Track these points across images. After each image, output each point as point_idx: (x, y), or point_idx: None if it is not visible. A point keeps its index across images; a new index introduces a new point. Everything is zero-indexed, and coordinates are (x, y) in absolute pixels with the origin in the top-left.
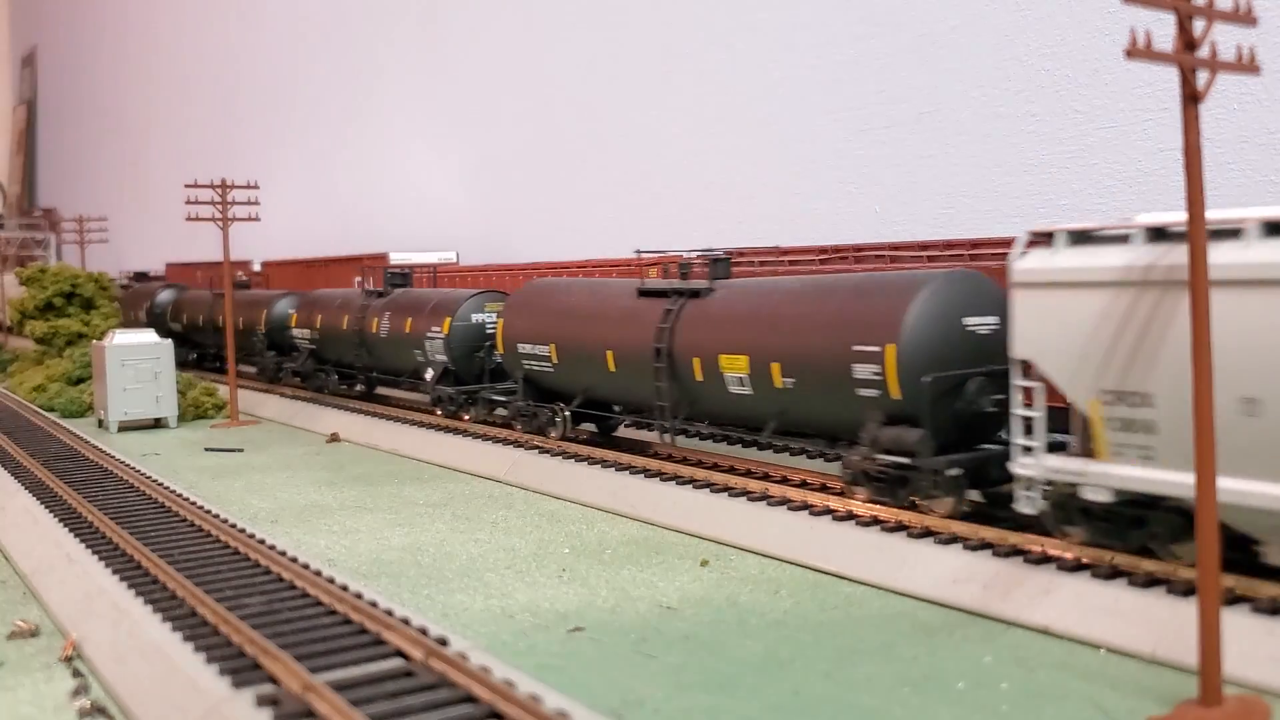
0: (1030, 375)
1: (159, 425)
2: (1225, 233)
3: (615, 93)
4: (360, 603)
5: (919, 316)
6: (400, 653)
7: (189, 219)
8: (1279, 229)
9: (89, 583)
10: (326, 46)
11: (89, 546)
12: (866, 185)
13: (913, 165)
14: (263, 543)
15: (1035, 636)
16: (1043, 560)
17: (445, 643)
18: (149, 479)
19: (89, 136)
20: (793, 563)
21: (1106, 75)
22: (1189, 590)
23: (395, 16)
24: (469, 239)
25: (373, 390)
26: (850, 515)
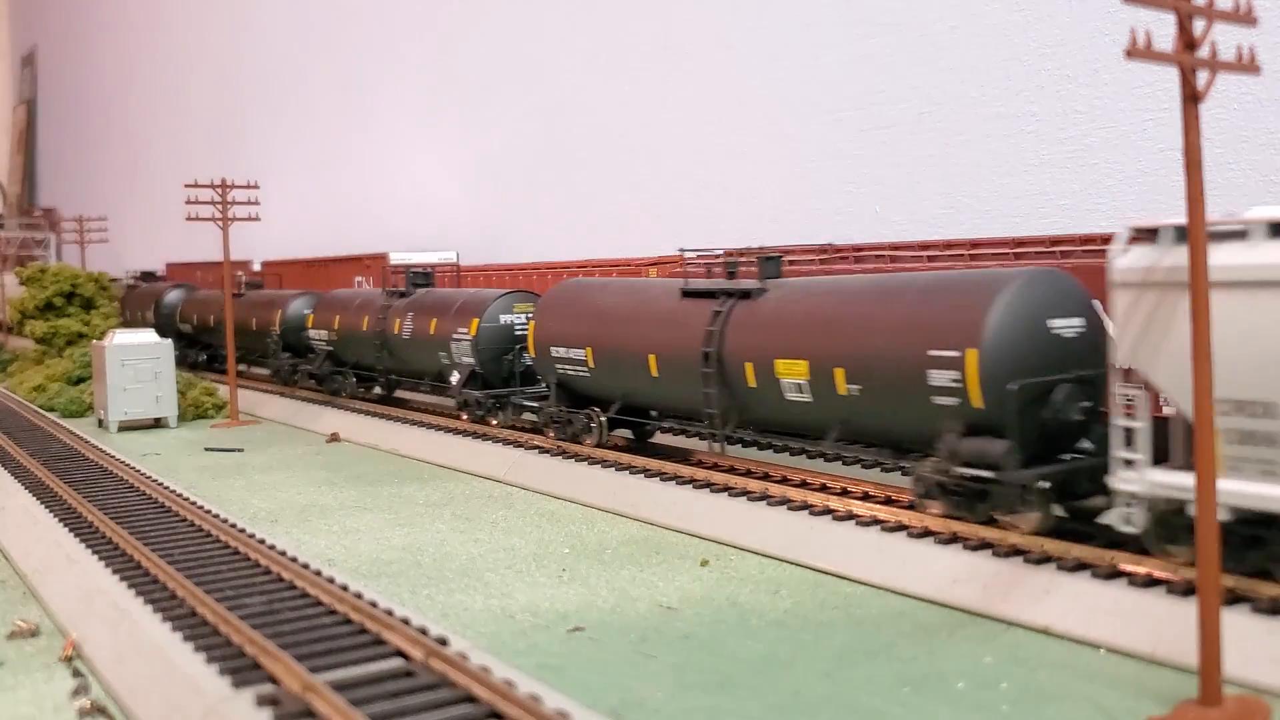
0: (1132, 383)
1: (159, 425)
2: None
3: (615, 92)
4: (360, 603)
5: (1002, 318)
6: (400, 653)
7: (189, 219)
8: None
9: (89, 583)
10: (327, 46)
11: (89, 546)
12: (866, 185)
13: (913, 165)
14: (263, 543)
15: (1035, 636)
16: (1043, 560)
17: (445, 643)
18: (149, 479)
19: (89, 136)
20: (793, 563)
21: (1106, 75)
22: (1189, 590)
23: (396, 16)
24: (469, 239)
25: (392, 394)
26: (850, 515)
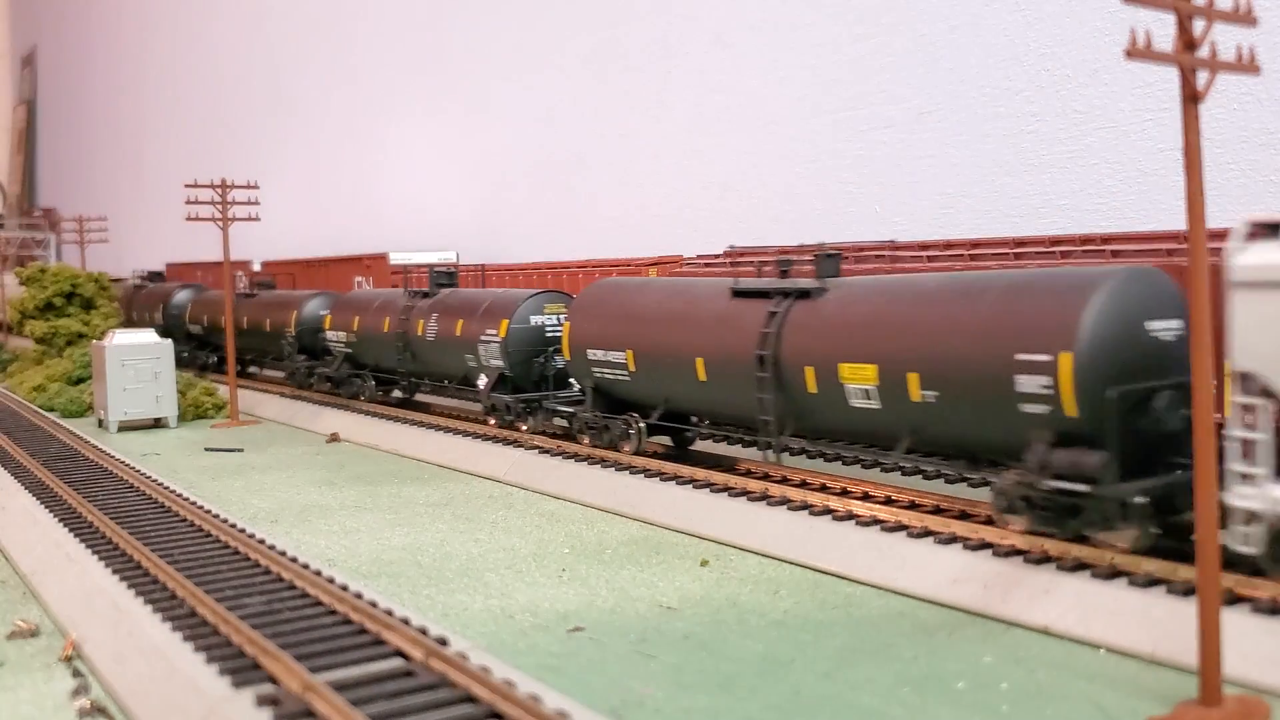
0: (1250, 389)
1: (159, 425)
2: None
3: (615, 92)
4: (360, 603)
5: (1099, 320)
6: (400, 653)
7: (189, 219)
8: None
9: (89, 583)
10: (327, 46)
11: (89, 546)
12: (866, 185)
13: (913, 165)
14: (263, 543)
15: (1035, 636)
16: (1043, 560)
17: (445, 643)
18: (149, 479)
19: (89, 136)
20: (793, 563)
21: (1106, 75)
22: (1189, 590)
23: (396, 16)
24: (469, 239)
25: (413, 397)
26: (850, 515)
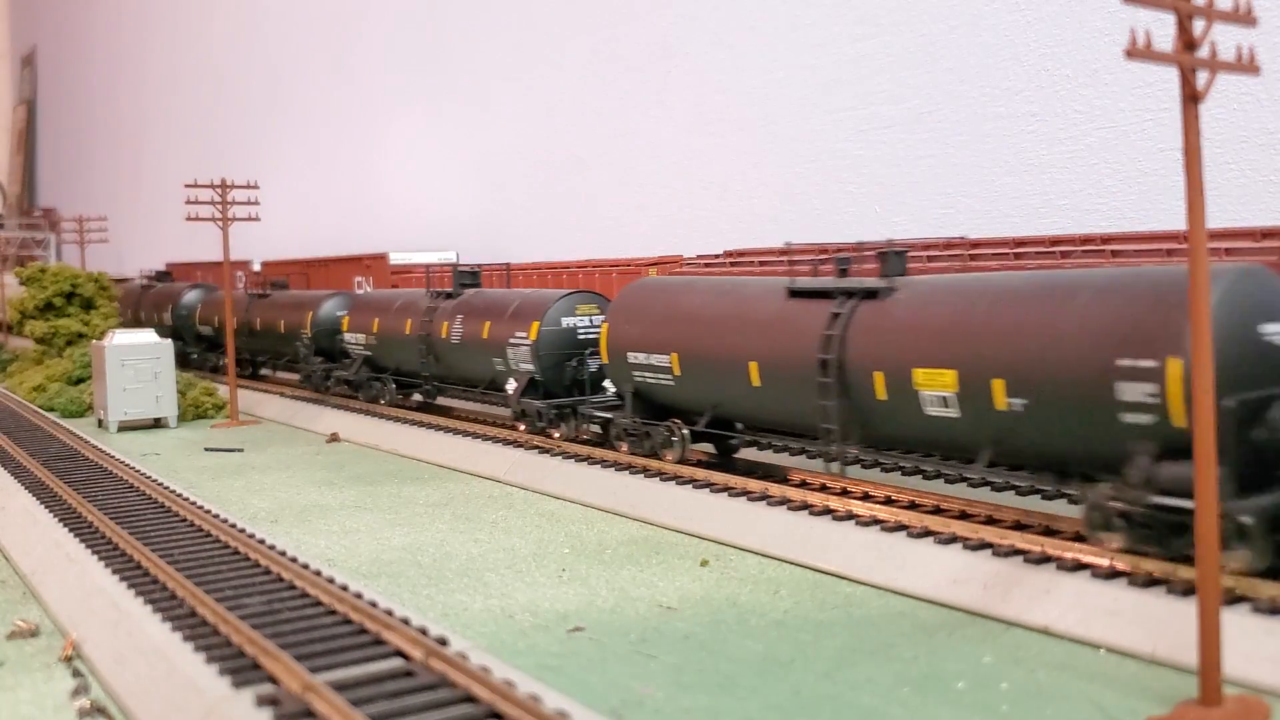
0: None
1: (159, 425)
2: None
3: (615, 92)
4: (360, 603)
5: (1212, 323)
6: (400, 653)
7: (189, 219)
8: None
9: (88, 583)
10: (327, 46)
11: (89, 546)
12: (866, 185)
13: (913, 165)
14: (263, 543)
15: (1035, 636)
16: (1043, 560)
17: (445, 643)
18: (149, 479)
19: (89, 136)
20: (792, 563)
21: (1106, 75)
22: (1189, 590)
23: (395, 16)
24: (468, 239)
25: (434, 401)
26: (850, 515)
